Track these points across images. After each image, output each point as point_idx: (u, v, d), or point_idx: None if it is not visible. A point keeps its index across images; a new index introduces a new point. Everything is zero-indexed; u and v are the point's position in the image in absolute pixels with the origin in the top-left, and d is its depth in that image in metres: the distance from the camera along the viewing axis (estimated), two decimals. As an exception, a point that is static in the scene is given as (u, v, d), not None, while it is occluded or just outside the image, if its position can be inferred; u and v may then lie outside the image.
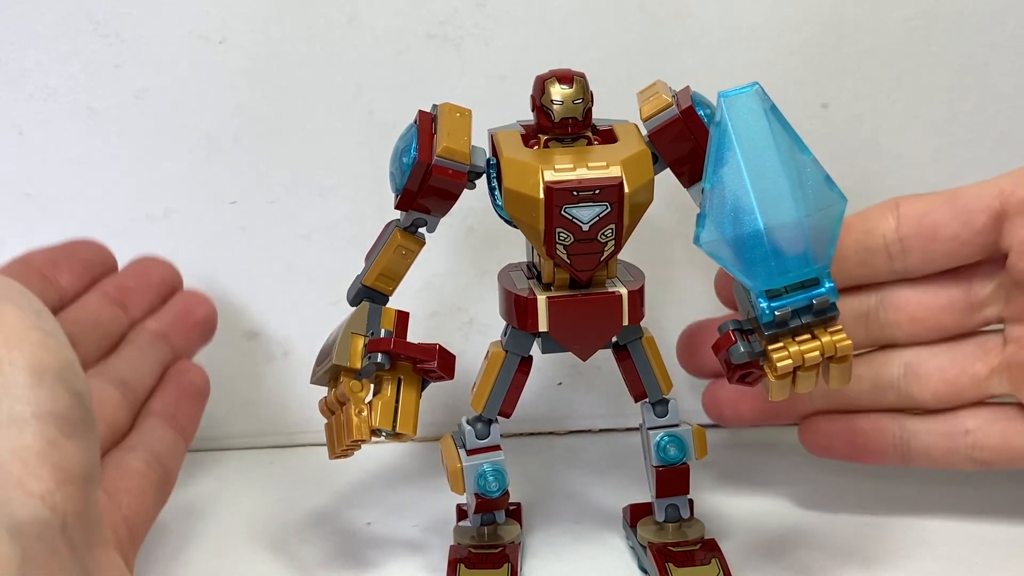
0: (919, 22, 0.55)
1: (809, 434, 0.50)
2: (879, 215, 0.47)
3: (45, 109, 0.55)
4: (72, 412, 0.33)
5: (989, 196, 0.46)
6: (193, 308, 0.52)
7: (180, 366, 0.47)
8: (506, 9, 0.54)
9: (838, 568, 0.46)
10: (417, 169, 0.43)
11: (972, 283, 0.47)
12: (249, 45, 0.55)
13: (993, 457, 0.47)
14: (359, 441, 0.44)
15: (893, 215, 0.47)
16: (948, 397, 0.48)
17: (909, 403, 0.48)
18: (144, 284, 0.50)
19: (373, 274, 0.46)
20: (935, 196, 0.47)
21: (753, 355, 0.42)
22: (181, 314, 0.50)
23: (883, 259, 0.47)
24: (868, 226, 0.47)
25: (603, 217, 0.42)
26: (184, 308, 0.51)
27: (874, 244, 0.47)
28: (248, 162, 0.56)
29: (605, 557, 0.48)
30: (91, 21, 0.54)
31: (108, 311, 0.48)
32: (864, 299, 0.48)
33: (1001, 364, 0.47)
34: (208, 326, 0.52)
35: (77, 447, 0.32)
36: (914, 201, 0.47)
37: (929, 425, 0.48)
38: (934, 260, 0.47)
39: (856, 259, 0.47)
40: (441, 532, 0.49)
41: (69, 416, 0.32)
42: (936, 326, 0.48)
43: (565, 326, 0.44)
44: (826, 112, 0.56)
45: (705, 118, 0.43)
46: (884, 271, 0.47)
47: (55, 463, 0.31)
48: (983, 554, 0.47)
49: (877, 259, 0.47)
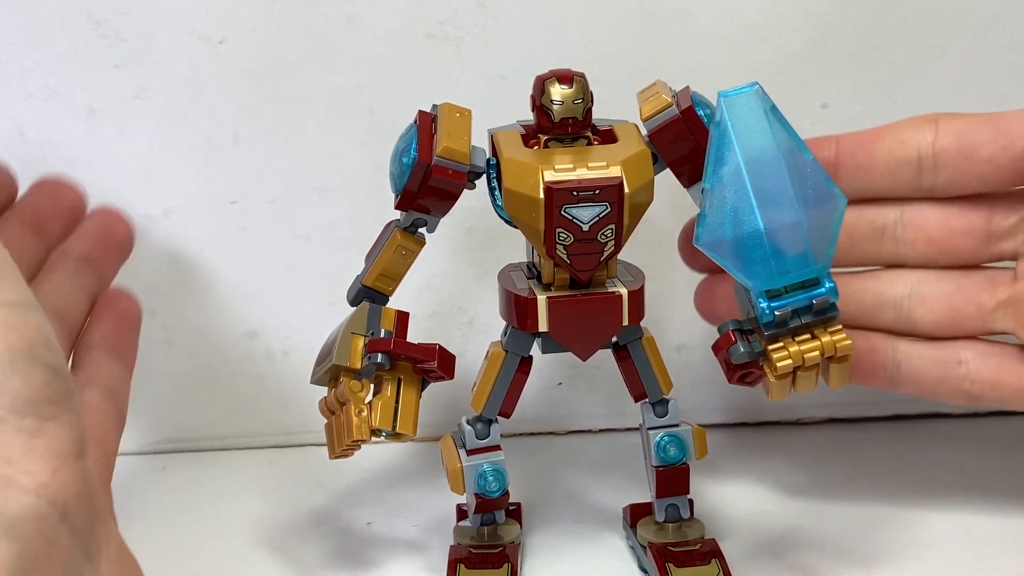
0: (919, 22, 0.55)
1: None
2: (916, 127, 0.46)
3: (45, 109, 0.55)
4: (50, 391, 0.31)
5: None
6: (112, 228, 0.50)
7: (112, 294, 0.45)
8: (506, 9, 0.54)
9: (838, 568, 0.46)
10: (417, 169, 0.43)
11: (994, 212, 0.46)
12: (249, 45, 0.55)
13: (983, 392, 0.46)
14: (359, 441, 0.44)
15: (931, 129, 0.46)
16: (948, 325, 0.47)
17: (908, 325, 0.47)
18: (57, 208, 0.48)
19: (373, 274, 0.46)
20: (977, 116, 0.46)
21: (753, 355, 0.42)
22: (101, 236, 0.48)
23: (912, 172, 0.46)
24: (903, 136, 0.46)
25: (603, 217, 0.42)
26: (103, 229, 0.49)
27: (906, 155, 0.46)
28: (248, 162, 0.56)
29: (605, 557, 0.48)
30: (91, 21, 0.54)
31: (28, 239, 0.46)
32: (883, 212, 0.47)
33: (1008, 299, 0.46)
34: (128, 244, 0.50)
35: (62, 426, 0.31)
36: (954, 118, 0.46)
37: (923, 350, 0.47)
38: (964, 181, 0.46)
39: (884, 169, 0.46)
40: (441, 532, 0.49)
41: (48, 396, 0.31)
42: (951, 250, 0.46)
43: (565, 326, 0.44)
44: (826, 112, 0.56)
45: (705, 118, 0.43)
46: (911, 186, 0.46)
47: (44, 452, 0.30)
48: (983, 554, 0.47)
49: (906, 171, 0.46)
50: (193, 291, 0.57)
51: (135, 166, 0.56)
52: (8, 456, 0.30)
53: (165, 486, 0.56)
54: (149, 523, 0.52)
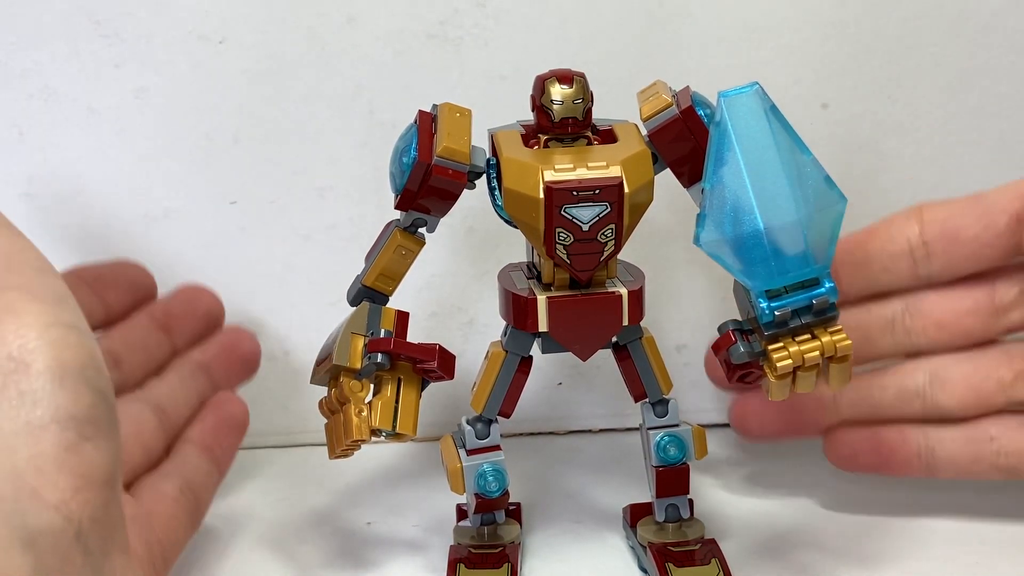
0: (919, 22, 0.55)
1: (833, 447, 0.49)
2: (903, 220, 0.48)
3: (45, 109, 0.55)
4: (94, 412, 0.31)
5: (1010, 198, 0.46)
6: (238, 343, 0.51)
7: (221, 396, 0.47)
8: (506, 9, 0.54)
9: (838, 568, 0.46)
10: (417, 169, 0.43)
11: (996, 288, 0.47)
12: (249, 45, 0.55)
13: (1018, 464, 0.47)
14: (359, 441, 0.44)
15: (917, 220, 0.47)
16: (974, 404, 0.48)
17: (935, 412, 0.48)
18: (190, 312, 0.49)
19: (373, 274, 0.46)
20: (958, 200, 0.47)
21: (753, 355, 0.42)
22: (226, 348, 0.50)
23: (907, 264, 0.48)
24: (892, 232, 0.48)
25: (603, 217, 0.42)
26: (229, 343, 0.51)
27: (898, 249, 0.48)
28: (248, 162, 0.56)
29: (605, 557, 0.48)
30: (91, 21, 0.54)
31: (154, 335, 0.47)
32: (889, 306, 0.49)
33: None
34: (252, 363, 0.51)
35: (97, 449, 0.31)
36: (938, 206, 0.48)
37: (953, 433, 0.48)
38: (957, 263, 0.47)
39: (880, 265, 0.48)
40: (441, 532, 0.49)
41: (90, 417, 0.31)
42: (961, 331, 0.48)
43: (565, 326, 0.44)
44: (826, 112, 0.56)
45: (705, 118, 0.43)
46: (908, 276, 0.48)
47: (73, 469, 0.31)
48: (982, 554, 0.47)
49: (901, 264, 0.48)
50: (193, 291, 0.57)
51: (135, 166, 0.56)
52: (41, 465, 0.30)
53: (165, 486, 0.56)
54: (149, 523, 0.52)
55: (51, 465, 0.30)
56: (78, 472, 0.31)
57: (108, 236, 0.56)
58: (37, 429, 0.30)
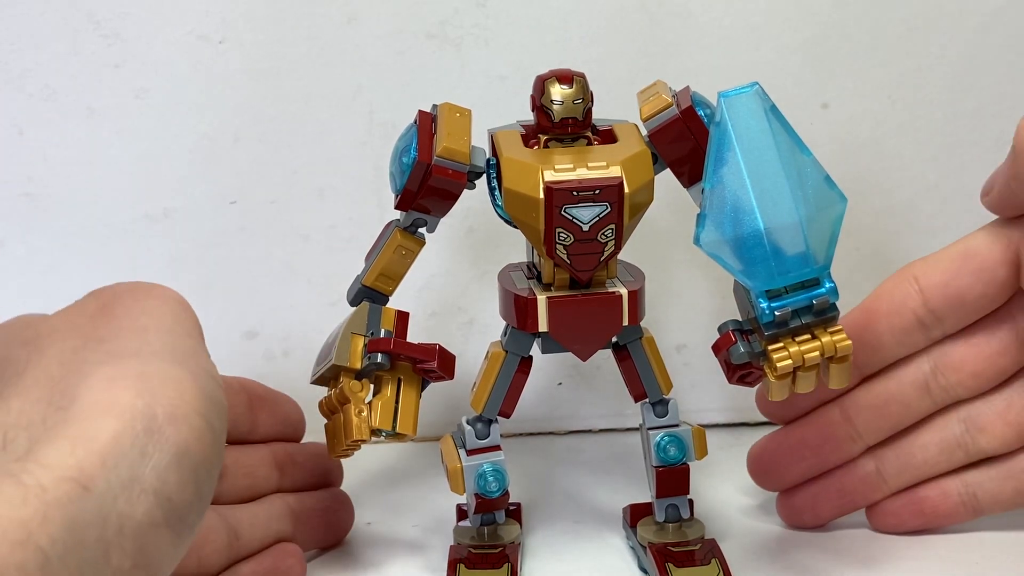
0: (919, 22, 0.55)
1: (878, 520, 0.49)
2: (902, 293, 0.47)
3: (45, 109, 0.55)
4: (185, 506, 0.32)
5: (1002, 249, 0.45)
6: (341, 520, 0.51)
7: (287, 547, 0.47)
8: (506, 9, 0.54)
9: (838, 568, 0.46)
10: (417, 169, 0.43)
11: (1016, 320, 0.47)
12: (249, 45, 0.55)
13: None
14: (359, 441, 0.44)
15: (914, 288, 0.47)
16: (1015, 439, 0.47)
17: (979, 456, 0.48)
18: (310, 467, 0.49)
19: (373, 274, 0.46)
20: (948, 260, 0.47)
21: (753, 355, 0.42)
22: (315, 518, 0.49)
23: (920, 333, 0.47)
24: (894, 307, 0.47)
25: (603, 217, 0.42)
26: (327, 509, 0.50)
27: (907, 324, 0.47)
28: (248, 162, 0.56)
29: (605, 557, 0.48)
30: (91, 21, 0.54)
31: (267, 469, 0.48)
32: (918, 368, 0.47)
33: None
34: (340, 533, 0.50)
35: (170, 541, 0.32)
36: (930, 268, 0.47)
37: (991, 472, 0.48)
38: (968, 318, 0.47)
39: (894, 341, 0.47)
40: (441, 532, 0.49)
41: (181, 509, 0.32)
42: (996, 373, 0.47)
43: (565, 326, 0.44)
44: (826, 112, 0.56)
45: (705, 118, 0.43)
46: (924, 341, 0.47)
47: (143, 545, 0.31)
48: (983, 554, 0.47)
49: (915, 335, 0.47)
50: (193, 291, 0.57)
51: (135, 166, 0.56)
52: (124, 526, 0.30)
53: (165, 486, 0.56)
54: (149, 523, 0.52)
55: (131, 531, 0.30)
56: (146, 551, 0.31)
57: (108, 236, 0.57)
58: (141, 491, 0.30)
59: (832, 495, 0.48)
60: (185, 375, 0.33)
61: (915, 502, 0.48)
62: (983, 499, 0.48)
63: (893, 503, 0.48)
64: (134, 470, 0.30)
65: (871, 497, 0.48)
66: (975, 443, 0.47)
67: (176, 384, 0.32)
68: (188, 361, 0.34)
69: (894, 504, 0.48)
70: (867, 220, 0.56)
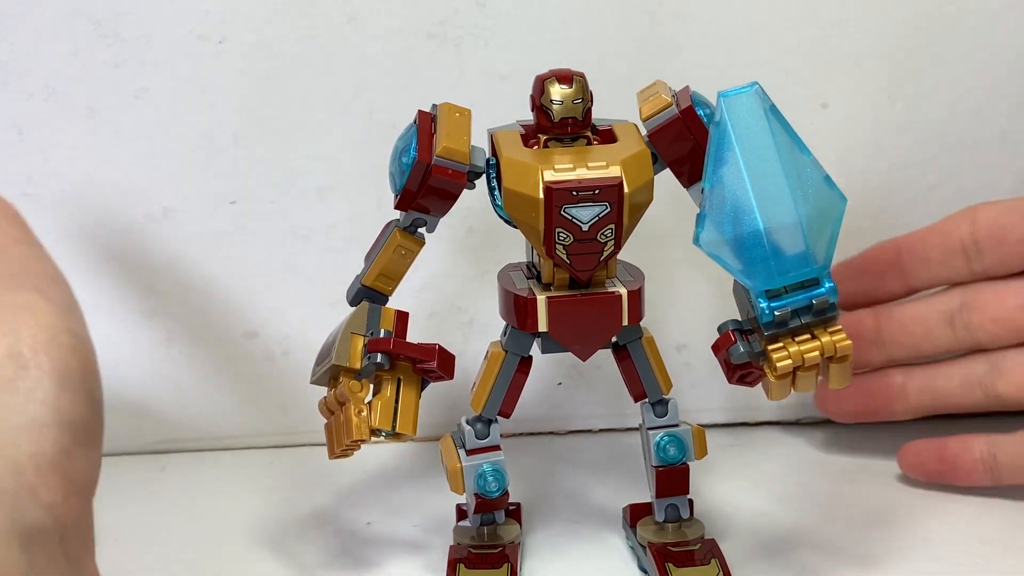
0: (919, 22, 0.55)
1: (903, 455, 0.52)
2: (959, 220, 0.51)
3: (45, 109, 0.55)
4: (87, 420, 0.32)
5: None
6: None
7: None
8: (506, 9, 0.54)
9: (838, 568, 0.46)
10: (417, 169, 0.43)
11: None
12: (249, 45, 0.55)
13: None
14: (359, 441, 0.44)
15: (970, 219, 0.50)
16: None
17: (997, 402, 0.50)
18: None
19: (373, 274, 0.46)
20: (1009, 202, 0.50)
21: (753, 355, 0.42)
22: None
23: (962, 261, 0.50)
24: (949, 227, 0.51)
25: (603, 217, 0.42)
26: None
27: (953, 246, 0.50)
28: (248, 162, 0.56)
29: (605, 557, 0.48)
30: (91, 21, 0.54)
31: None
32: (950, 299, 0.51)
33: None
34: None
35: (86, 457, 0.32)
36: (990, 207, 0.50)
37: (1015, 438, 0.49)
38: (1009, 260, 0.49)
39: (939, 260, 0.51)
40: (441, 532, 0.49)
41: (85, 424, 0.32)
42: (1016, 327, 0.49)
43: (565, 326, 0.44)
44: (826, 112, 0.56)
45: (705, 118, 0.43)
46: (965, 272, 0.50)
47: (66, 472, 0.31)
48: (983, 554, 0.47)
49: (957, 261, 0.50)
50: (193, 291, 0.57)
51: (135, 166, 0.56)
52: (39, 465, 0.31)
53: (165, 486, 0.56)
54: (149, 523, 0.52)
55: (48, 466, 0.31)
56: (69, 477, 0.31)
57: (108, 236, 0.57)
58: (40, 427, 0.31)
59: (859, 392, 0.52)
60: (32, 296, 0.32)
61: (939, 447, 0.50)
62: (1002, 462, 0.49)
63: (919, 445, 0.51)
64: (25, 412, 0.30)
65: (892, 407, 0.52)
66: (993, 386, 0.49)
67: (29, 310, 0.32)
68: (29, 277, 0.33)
69: (920, 446, 0.51)
70: (867, 220, 0.56)
